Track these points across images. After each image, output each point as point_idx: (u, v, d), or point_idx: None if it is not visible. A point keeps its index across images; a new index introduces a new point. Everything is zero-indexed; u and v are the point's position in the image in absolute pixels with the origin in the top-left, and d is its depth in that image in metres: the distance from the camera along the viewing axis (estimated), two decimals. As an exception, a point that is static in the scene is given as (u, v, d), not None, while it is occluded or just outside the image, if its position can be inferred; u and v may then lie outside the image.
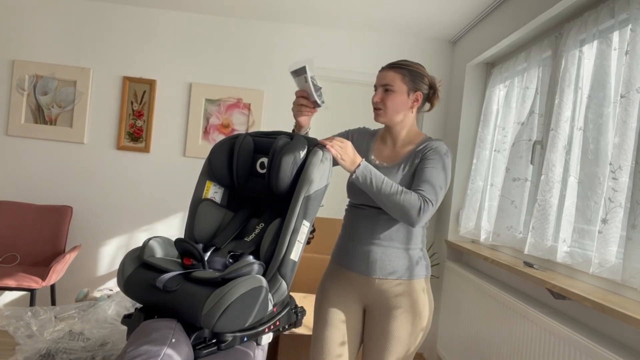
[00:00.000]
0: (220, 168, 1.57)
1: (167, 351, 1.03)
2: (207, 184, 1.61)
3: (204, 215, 1.57)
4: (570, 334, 1.67)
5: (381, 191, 1.43)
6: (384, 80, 1.56)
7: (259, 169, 1.55)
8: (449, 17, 3.05)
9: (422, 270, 1.58)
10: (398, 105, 1.56)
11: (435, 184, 1.47)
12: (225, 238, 1.53)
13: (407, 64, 1.57)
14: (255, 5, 3.18)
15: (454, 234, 3.18)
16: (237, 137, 1.58)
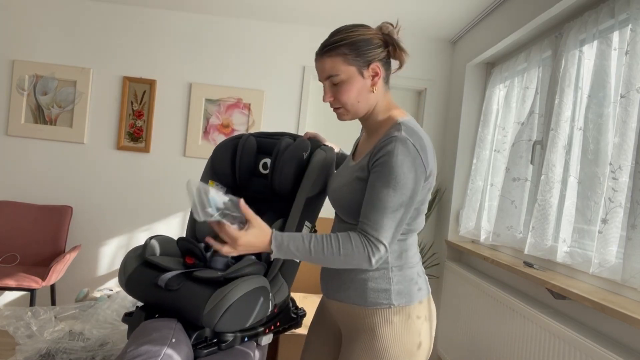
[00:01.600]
0: (223, 167, 1.57)
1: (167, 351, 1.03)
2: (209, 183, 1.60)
3: None
4: (570, 334, 1.67)
5: (312, 255, 1.11)
6: (324, 73, 1.20)
7: (262, 169, 1.54)
8: (449, 17, 3.05)
9: (386, 297, 1.19)
10: (356, 95, 1.19)
11: (383, 211, 1.10)
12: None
13: (340, 38, 1.18)
14: (255, 5, 3.18)
15: (454, 234, 3.18)
16: (240, 137, 1.58)
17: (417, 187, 1.12)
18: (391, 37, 1.22)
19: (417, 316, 1.20)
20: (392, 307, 1.19)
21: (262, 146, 1.56)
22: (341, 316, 1.28)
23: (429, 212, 3.38)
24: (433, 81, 3.50)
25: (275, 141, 1.54)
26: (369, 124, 1.27)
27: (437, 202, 3.44)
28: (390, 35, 1.21)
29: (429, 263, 3.41)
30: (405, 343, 1.18)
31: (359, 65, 1.18)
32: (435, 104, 3.51)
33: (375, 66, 1.19)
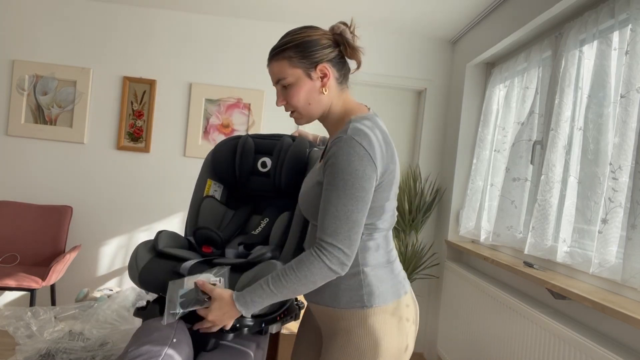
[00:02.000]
0: (223, 166, 1.62)
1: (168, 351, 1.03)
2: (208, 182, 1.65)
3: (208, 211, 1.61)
4: (570, 334, 1.67)
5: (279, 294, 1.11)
6: (273, 77, 1.20)
7: (261, 168, 1.60)
8: (449, 17, 3.05)
9: (359, 298, 1.17)
10: (305, 97, 1.18)
11: (334, 215, 1.08)
12: (230, 232, 1.58)
13: (286, 41, 1.17)
14: (255, 5, 3.18)
15: (454, 234, 3.18)
16: (239, 138, 1.64)
17: (367, 185, 1.09)
18: (343, 36, 1.20)
19: (393, 316, 1.19)
20: (365, 308, 1.17)
21: (259, 146, 1.63)
22: (319, 317, 1.28)
23: (429, 212, 3.38)
24: (433, 81, 3.50)
25: (271, 141, 1.62)
26: (328, 125, 1.26)
27: (437, 202, 3.44)
28: (342, 35, 1.20)
29: (429, 263, 3.41)
30: (380, 344, 1.16)
31: (306, 67, 1.17)
32: (435, 104, 3.51)
33: (323, 67, 1.18)
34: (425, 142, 3.51)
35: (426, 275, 3.38)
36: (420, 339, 3.48)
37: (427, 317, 3.46)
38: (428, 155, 3.51)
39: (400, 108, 3.63)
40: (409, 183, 3.35)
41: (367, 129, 1.13)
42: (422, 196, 3.36)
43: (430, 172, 3.50)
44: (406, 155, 3.63)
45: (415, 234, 3.40)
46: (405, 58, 3.50)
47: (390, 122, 3.61)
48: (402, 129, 3.62)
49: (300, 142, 1.55)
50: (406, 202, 3.31)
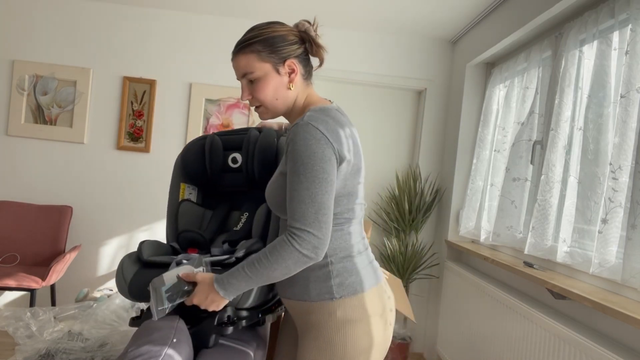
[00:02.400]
0: (194, 168, 1.62)
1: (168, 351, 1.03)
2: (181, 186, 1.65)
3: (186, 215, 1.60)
4: (570, 334, 1.67)
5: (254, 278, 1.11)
6: (239, 71, 1.19)
7: (232, 164, 1.61)
8: (449, 17, 3.05)
9: (328, 289, 1.17)
10: (273, 92, 1.19)
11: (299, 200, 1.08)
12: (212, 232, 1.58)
13: (254, 35, 1.17)
14: (255, 5, 3.18)
15: (454, 234, 3.18)
16: (204, 138, 1.64)
17: (329, 167, 1.08)
18: (307, 34, 1.21)
19: (364, 307, 1.18)
20: (334, 299, 1.16)
21: (227, 143, 1.63)
22: (293, 312, 1.28)
23: (429, 212, 3.38)
24: (433, 81, 3.50)
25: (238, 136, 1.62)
26: (291, 120, 1.28)
27: (437, 202, 3.44)
28: (307, 33, 1.21)
29: (429, 263, 3.41)
30: (351, 336, 1.16)
31: (274, 62, 1.17)
32: (435, 104, 3.51)
33: (291, 62, 1.19)
34: (425, 142, 3.51)
35: (426, 275, 3.38)
36: (420, 339, 3.48)
37: (427, 317, 3.46)
38: (428, 155, 3.51)
39: (400, 108, 3.63)
40: (409, 183, 3.35)
41: (323, 115, 1.14)
42: (422, 196, 3.36)
43: (430, 172, 3.50)
44: (406, 155, 3.63)
45: (415, 234, 3.40)
46: (405, 58, 3.50)
47: (390, 122, 3.61)
48: (402, 129, 3.62)
49: (267, 132, 1.56)
50: (406, 202, 3.31)
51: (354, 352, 1.17)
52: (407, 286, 3.34)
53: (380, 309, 1.22)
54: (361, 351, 1.17)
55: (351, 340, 1.16)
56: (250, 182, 1.60)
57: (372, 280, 1.22)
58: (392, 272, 3.31)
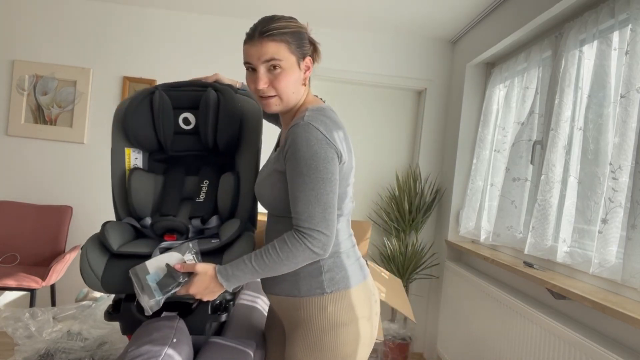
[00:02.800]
0: (143, 132, 1.43)
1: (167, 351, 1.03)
2: (126, 151, 1.47)
3: (139, 185, 1.43)
4: (570, 334, 1.67)
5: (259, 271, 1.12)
6: (266, 55, 1.13)
7: (183, 125, 1.46)
8: (449, 17, 3.05)
9: (319, 284, 1.19)
10: (292, 85, 1.17)
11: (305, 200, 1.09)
12: (174, 203, 1.45)
13: (284, 25, 1.17)
14: (254, 5, 3.18)
15: (454, 234, 3.18)
16: (152, 94, 1.44)
17: (332, 167, 1.10)
18: (310, 36, 1.24)
19: (353, 303, 1.20)
20: (325, 294, 1.18)
21: (176, 100, 1.45)
22: (281, 310, 1.29)
23: (429, 212, 3.38)
24: (433, 81, 3.50)
25: (189, 93, 1.45)
26: (288, 116, 1.25)
27: (437, 202, 3.44)
28: (310, 35, 1.24)
29: (429, 263, 3.40)
30: (341, 331, 1.18)
31: (298, 56, 1.17)
32: (435, 104, 3.51)
33: (308, 61, 1.21)
34: (425, 142, 3.51)
35: (426, 275, 3.38)
36: (420, 339, 3.48)
37: (427, 317, 3.46)
38: (428, 155, 3.51)
39: (400, 108, 3.63)
40: (409, 183, 3.35)
41: (321, 115, 1.15)
42: (422, 196, 3.36)
43: (430, 172, 3.50)
44: (406, 155, 3.63)
45: (415, 234, 3.40)
46: (405, 58, 3.50)
47: (390, 122, 3.61)
48: (402, 129, 3.62)
49: (229, 94, 1.42)
50: (406, 202, 3.31)
51: (343, 352, 1.19)
52: (407, 286, 3.34)
53: (367, 306, 1.24)
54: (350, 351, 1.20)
55: (341, 334, 1.18)
56: (206, 146, 1.46)
57: (360, 276, 1.25)
58: (392, 272, 3.31)
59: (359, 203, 3.58)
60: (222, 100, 1.41)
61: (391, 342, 3.16)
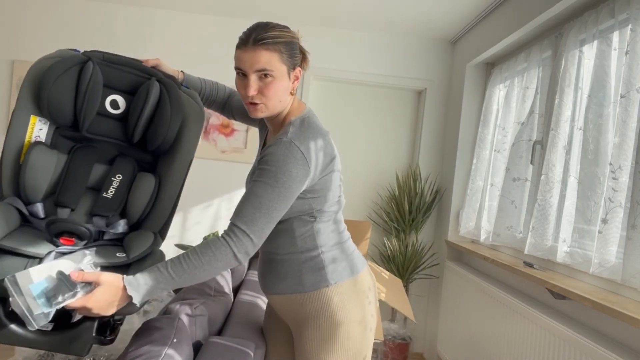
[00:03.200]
0: (61, 105, 1.24)
1: (168, 351, 1.03)
2: (32, 119, 1.25)
3: (38, 165, 1.22)
4: (570, 334, 1.67)
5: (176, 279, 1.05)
6: (257, 65, 1.13)
7: (110, 108, 1.29)
8: (449, 17, 3.05)
9: (322, 278, 1.22)
10: (280, 94, 1.18)
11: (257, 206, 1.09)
12: (75, 193, 1.25)
13: (277, 35, 1.15)
14: (254, 5, 3.18)
15: (454, 234, 3.18)
16: (83, 61, 1.26)
17: (295, 188, 1.12)
18: (301, 45, 1.24)
19: (356, 290, 1.25)
20: (329, 285, 1.22)
21: (109, 78, 1.28)
22: (285, 309, 1.29)
23: (429, 212, 3.38)
24: (433, 81, 3.50)
25: (125, 74, 1.29)
26: (276, 122, 1.27)
27: (437, 202, 3.44)
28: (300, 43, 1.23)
29: (429, 263, 3.41)
30: (349, 318, 1.22)
31: (289, 66, 1.17)
32: (435, 104, 3.51)
33: (298, 71, 1.21)
34: (425, 142, 3.51)
35: (426, 275, 3.38)
36: (420, 339, 3.48)
37: (427, 317, 3.46)
38: (428, 155, 3.51)
39: (400, 108, 3.63)
40: (409, 183, 3.35)
41: (305, 129, 1.17)
42: (422, 196, 3.36)
43: (430, 172, 3.50)
44: (406, 155, 3.63)
45: (415, 234, 3.40)
46: (406, 58, 3.50)
47: (390, 122, 3.61)
48: (402, 129, 3.62)
49: (175, 92, 1.30)
50: (406, 202, 3.31)
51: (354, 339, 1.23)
52: (407, 286, 3.34)
53: (370, 288, 1.30)
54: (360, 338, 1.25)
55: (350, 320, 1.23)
56: (131, 139, 1.30)
57: (359, 265, 1.30)
58: (392, 272, 3.31)
59: (359, 203, 3.58)
60: (166, 96, 1.27)
61: (391, 342, 3.16)
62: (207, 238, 3.02)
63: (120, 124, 1.31)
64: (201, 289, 1.65)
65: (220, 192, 3.48)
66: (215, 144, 3.45)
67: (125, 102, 1.30)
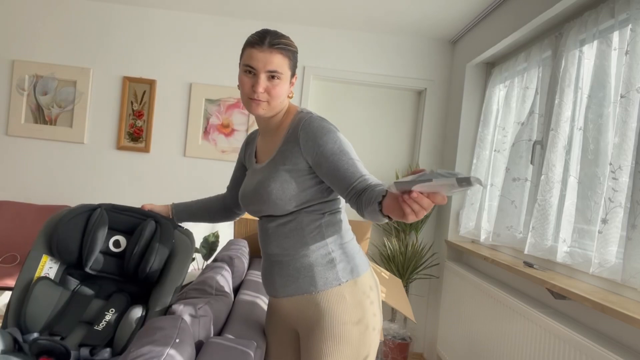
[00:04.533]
0: (68, 244, 1.42)
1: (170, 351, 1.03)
2: (43, 258, 1.44)
3: (40, 298, 1.37)
4: (570, 334, 1.67)
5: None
6: (270, 66, 1.23)
7: (113, 247, 1.46)
8: (449, 17, 3.05)
9: (334, 276, 1.26)
10: (283, 95, 1.28)
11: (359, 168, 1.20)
12: (68, 325, 1.38)
13: (290, 43, 1.28)
14: (254, 5, 3.18)
15: (454, 234, 3.18)
16: (92, 210, 1.47)
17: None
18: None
19: (365, 287, 1.29)
20: (341, 284, 1.26)
21: (113, 221, 1.48)
22: (295, 311, 1.31)
23: (429, 212, 3.38)
24: (433, 81, 3.51)
25: (129, 218, 1.48)
26: (270, 124, 1.34)
27: (437, 202, 3.44)
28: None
29: (429, 263, 3.41)
30: (360, 315, 1.25)
31: (291, 72, 1.30)
32: (435, 104, 3.51)
33: (295, 77, 1.34)
34: (425, 142, 3.51)
35: (426, 275, 3.39)
36: (420, 339, 3.48)
37: (427, 317, 3.47)
38: (428, 155, 3.51)
39: (400, 108, 3.63)
40: (409, 183, 3.35)
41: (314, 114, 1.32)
42: (422, 196, 3.36)
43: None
44: (406, 155, 3.63)
45: (415, 234, 3.40)
46: (406, 58, 3.50)
47: (390, 122, 3.62)
48: (402, 129, 3.62)
49: (167, 228, 1.45)
50: (406, 202, 3.31)
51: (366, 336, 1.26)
52: (407, 286, 3.35)
53: (376, 287, 1.34)
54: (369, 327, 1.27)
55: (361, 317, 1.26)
56: (126, 273, 1.44)
57: (365, 263, 1.33)
58: (392, 272, 3.31)
59: (359, 203, 3.58)
60: (159, 232, 1.43)
61: (391, 342, 3.16)
62: (207, 238, 3.02)
63: (120, 261, 1.46)
64: (202, 288, 1.65)
65: (220, 192, 3.48)
66: (215, 144, 3.45)
67: (127, 241, 1.47)
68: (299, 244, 1.27)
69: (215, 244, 3.03)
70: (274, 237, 1.31)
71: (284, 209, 1.27)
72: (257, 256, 2.48)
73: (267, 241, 1.33)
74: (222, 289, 1.73)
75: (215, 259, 1.92)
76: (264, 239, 1.34)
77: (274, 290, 1.33)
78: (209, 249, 3.00)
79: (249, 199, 1.33)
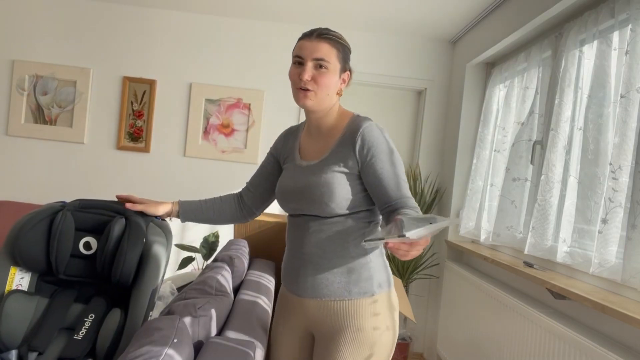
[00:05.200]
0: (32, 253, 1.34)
1: (168, 351, 1.03)
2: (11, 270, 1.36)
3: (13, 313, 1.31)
4: (570, 334, 1.67)
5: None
6: (317, 54, 1.24)
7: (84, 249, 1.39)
8: (449, 17, 3.05)
9: (369, 286, 1.25)
10: (331, 87, 1.27)
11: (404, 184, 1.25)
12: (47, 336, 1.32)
13: (340, 37, 1.31)
14: (255, 5, 3.18)
15: (454, 234, 3.18)
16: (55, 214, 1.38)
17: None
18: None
19: (394, 301, 1.31)
20: (374, 295, 1.26)
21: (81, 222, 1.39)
22: (319, 314, 1.29)
23: (429, 212, 3.38)
24: (433, 81, 3.50)
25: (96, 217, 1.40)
26: (323, 123, 1.34)
27: (437, 202, 3.44)
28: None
29: (429, 263, 3.41)
30: (386, 326, 1.26)
31: (342, 66, 1.30)
32: (435, 104, 3.51)
33: (348, 74, 1.34)
34: (425, 142, 3.51)
35: (426, 275, 3.38)
36: (420, 339, 3.48)
37: (427, 317, 3.46)
38: (428, 155, 3.51)
39: (400, 108, 3.63)
40: (409, 183, 3.35)
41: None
42: (422, 196, 3.36)
43: (430, 172, 3.50)
44: (406, 155, 3.63)
45: (415, 234, 3.39)
46: (405, 58, 3.50)
47: (390, 122, 3.61)
48: (402, 129, 3.62)
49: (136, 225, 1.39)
50: (406, 202, 3.31)
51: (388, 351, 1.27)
52: (407, 286, 3.34)
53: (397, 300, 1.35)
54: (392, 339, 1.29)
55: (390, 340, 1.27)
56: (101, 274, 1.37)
57: (391, 276, 1.35)
58: (392, 272, 3.31)
59: (359, 203, 3.58)
60: (128, 229, 1.36)
61: (391, 342, 3.16)
62: (207, 238, 3.02)
63: (94, 263, 1.39)
64: (202, 288, 1.65)
65: (220, 192, 3.47)
66: (215, 144, 3.45)
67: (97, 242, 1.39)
68: (340, 247, 1.25)
69: (215, 244, 3.03)
70: (315, 237, 1.27)
71: (333, 212, 1.25)
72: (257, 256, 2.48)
73: (304, 240, 1.29)
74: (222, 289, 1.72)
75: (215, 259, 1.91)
76: (299, 236, 1.31)
77: (301, 290, 1.30)
78: (209, 249, 3.00)
79: (293, 195, 1.30)
